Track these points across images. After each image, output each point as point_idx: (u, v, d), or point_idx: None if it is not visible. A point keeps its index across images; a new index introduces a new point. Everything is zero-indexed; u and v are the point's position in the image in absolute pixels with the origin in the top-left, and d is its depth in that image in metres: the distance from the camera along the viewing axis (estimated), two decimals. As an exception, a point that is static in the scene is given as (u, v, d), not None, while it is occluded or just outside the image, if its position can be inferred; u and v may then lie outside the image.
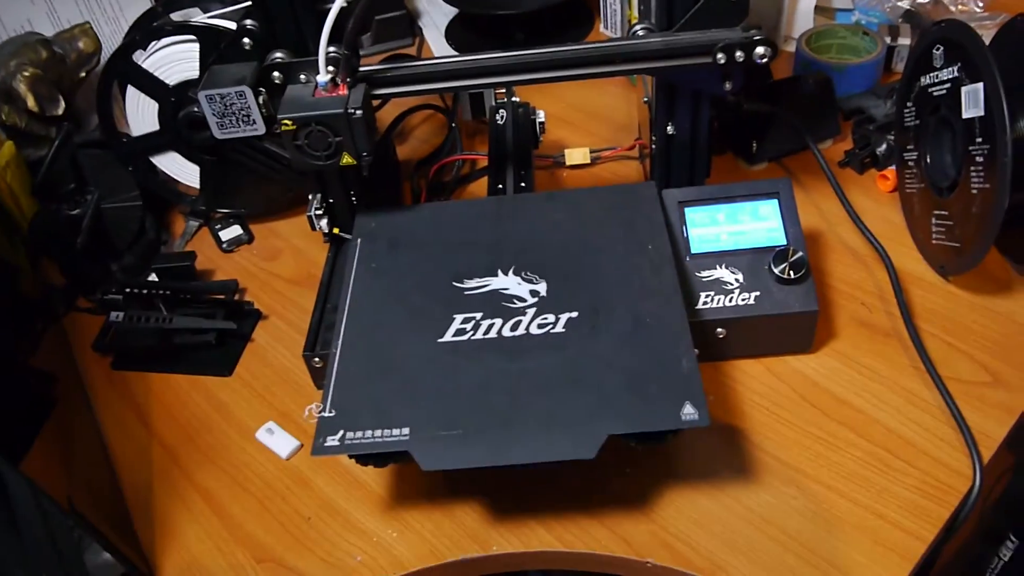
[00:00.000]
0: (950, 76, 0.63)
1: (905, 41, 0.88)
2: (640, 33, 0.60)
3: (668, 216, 0.63)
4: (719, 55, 0.58)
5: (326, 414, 0.51)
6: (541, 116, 0.77)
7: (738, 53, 0.58)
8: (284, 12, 0.61)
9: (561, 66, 0.60)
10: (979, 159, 0.60)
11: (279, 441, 0.62)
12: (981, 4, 0.90)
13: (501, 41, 1.04)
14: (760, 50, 0.58)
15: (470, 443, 0.49)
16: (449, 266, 0.60)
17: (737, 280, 0.61)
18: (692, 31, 0.59)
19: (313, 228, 0.69)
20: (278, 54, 0.61)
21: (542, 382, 0.51)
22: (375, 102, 0.61)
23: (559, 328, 0.55)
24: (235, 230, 0.81)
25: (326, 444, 0.49)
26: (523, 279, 0.58)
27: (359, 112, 0.57)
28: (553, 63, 0.59)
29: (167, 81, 0.73)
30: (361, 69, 0.61)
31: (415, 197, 0.80)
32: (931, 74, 0.65)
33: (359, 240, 0.63)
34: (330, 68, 0.58)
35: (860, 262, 0.70)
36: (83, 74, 0.87)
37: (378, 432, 0.49)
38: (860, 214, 0.71)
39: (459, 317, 0.56)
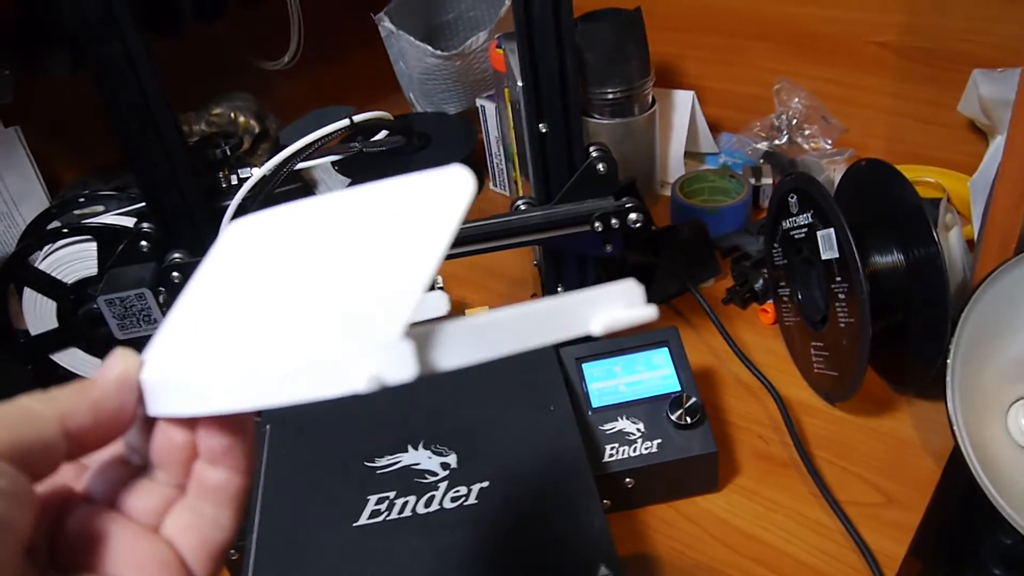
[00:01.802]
0: (806, 221, 0.69)
1: (768, 180, 0.96)
2: (522, 208, 0.64)
3: (567, 373, 0.66)
4: (596, 223, 0.63)
5: (244, 617, 0.50)
6: (440, 282, 0.80)
7: (613, 220, 0.63)
8: (181, 213, 0.63)
9: (452, 245, 0.63)
10: (841, 296, 0.65)
11: (197, 644, 0.60)
12: (830, 142, 0.99)
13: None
14: (633, 216, 0.63)
15: (392, 632, 0.49)
16: (359, 445, 0.61)
17: (639, 430, 0.64)
18: (569, 203, 0.63)
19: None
20: (176, 254, 0.63)
21: (461, 559, 0.52)
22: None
23: (472, 499, 0.56)
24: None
25: (246, 650, 0.49)
26: (433, 452, 0.59)
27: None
28: (444, 242, 0.63)
29: (65, 280, 0.74)
30: (260, 261, 0.63)
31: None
32: (790, 219, 0.72)
33: (268, 426, 0.64)
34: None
35: (753, 395, 0.74)
36: (-24, 275, 0.87)
37: (299, 631, 0.49)
38: (746, 348, 0.76)
39: (373, 498, 0.56)
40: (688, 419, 0.63)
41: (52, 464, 0.27)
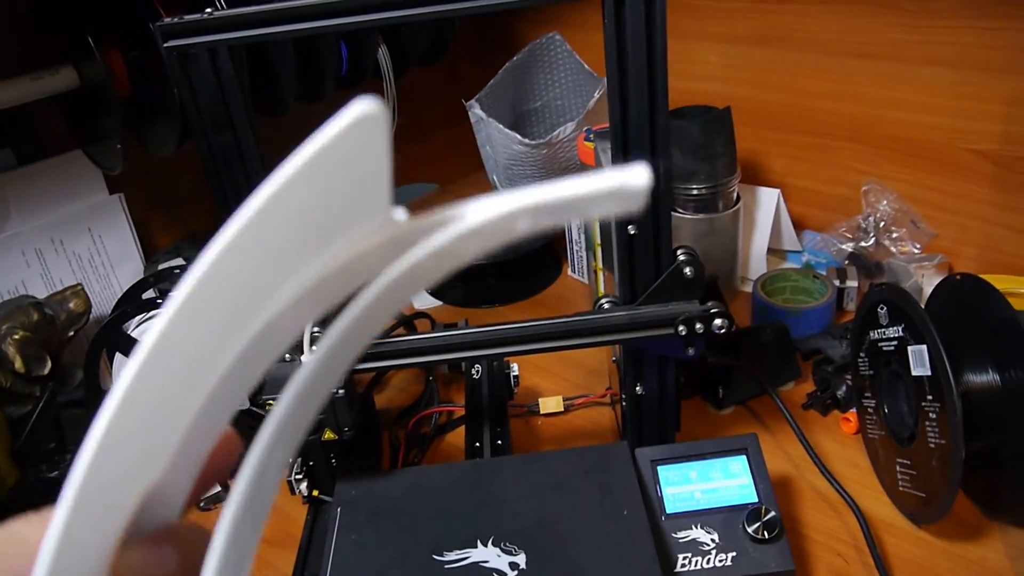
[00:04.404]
0: (896, 335, 0.67)
1: (853, 283, 0.94)
2: (606, 307, 0.64)
3: (642, 475, 0.65)
4: (680, 327, 0.62)
5: None
6: (515, 370, 0.81)
7: (698, 325, 0.62)
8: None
9: (535, 340, 0.63)
10: (932, 415, 0.63)
11: None
12: (919, 246, 0.97)
13: (474, 285, 1.09)
14: (718, 322, 0.62)
15: None
16: (428, 538, 0.60)
17: (713, 540, 0.62)
18: (654, 305, 0.63)
19: (293, 492, 0.70)
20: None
21: (525, 668, 0.51)
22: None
23: (540, 604, 0.55)
24: (214, 489, 0.82)
25: None
26: (502, 550, 0.59)
27: (341, 392, 0.60)
28: (527, 338, 0.63)
29: (155, 348, 0.76)
30: (343, 344, 0.64)
31: (394, 450, 0.82)
32: (879, 330, 0.70)
33: (339, 509, 0.64)
34: (314, 348, 0.61)
35: (832, 509, 0.71)
36: (72, 333, 0.90)
37: None
38: (827, 458, 0.74)
39: (440, 595, 0.56)
40: (766, 533, 0.61)
41: None
